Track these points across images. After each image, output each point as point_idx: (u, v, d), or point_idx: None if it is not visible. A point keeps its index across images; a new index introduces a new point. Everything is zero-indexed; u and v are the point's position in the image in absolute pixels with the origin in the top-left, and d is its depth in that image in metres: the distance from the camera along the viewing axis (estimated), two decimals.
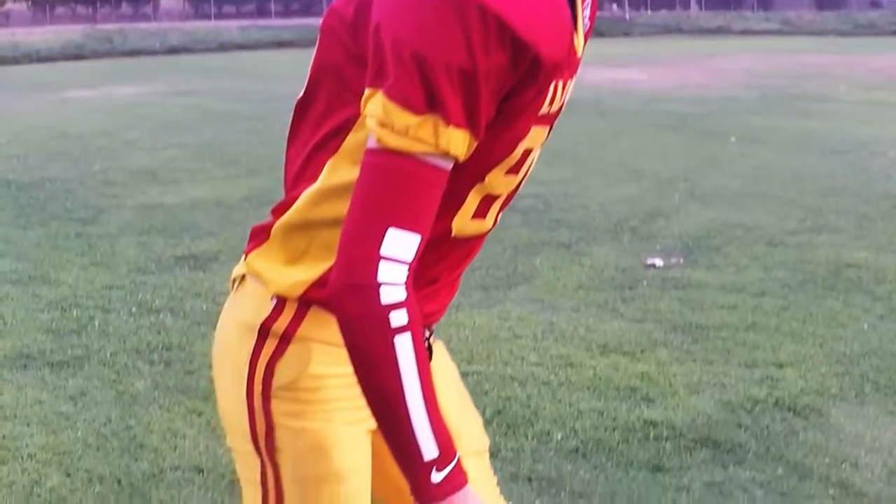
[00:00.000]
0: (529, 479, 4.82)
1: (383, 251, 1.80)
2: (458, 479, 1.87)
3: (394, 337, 1.80)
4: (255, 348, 2.14)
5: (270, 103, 19.72)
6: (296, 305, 2.12)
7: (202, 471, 4.74)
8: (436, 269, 2.15)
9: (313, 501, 2.17)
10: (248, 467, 2.23)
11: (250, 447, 2.19)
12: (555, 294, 7.80)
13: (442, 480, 1.85)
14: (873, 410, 5.97)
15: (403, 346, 1.80)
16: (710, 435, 5.46)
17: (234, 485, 4.65)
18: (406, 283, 1.82)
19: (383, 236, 1.81)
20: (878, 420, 5.86)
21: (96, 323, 6.71)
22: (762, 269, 8.63)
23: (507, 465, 4.88)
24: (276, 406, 2.13)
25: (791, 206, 10.90)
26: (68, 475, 4.64)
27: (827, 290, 8.13)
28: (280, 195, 2.16)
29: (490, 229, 2.18)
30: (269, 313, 2.14)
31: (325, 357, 2.12)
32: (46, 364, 5.99)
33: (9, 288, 7.43)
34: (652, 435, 5.43)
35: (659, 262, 8.73)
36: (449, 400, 2.25)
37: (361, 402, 1.90)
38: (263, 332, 2.14)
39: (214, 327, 6.27)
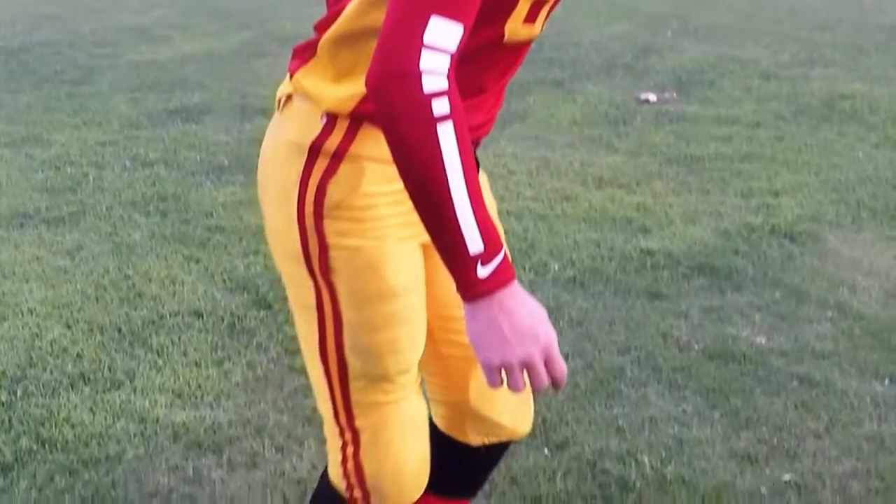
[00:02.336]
0: None
1: (426, 39, 1.74)
2: (505, 275, 1.83)
3: (437, 125, 1.75)
4: (305, 168, 2.11)
5: None
6: (347, 122, 2.09)
7: (201, 315, 4.76)
8: (484, 78, 2.14)
9: (371, 320, 2.17)
10: (301, 292, 2.22)
11: (303, 270, 2.17)
12: (549, 131, 7.78)
13: (488, 276, 1.81)
14: (869, 236, 5.98)
15: (446, 135, 1.75)
16: (707, 262, 5.47)
17: (233, 327, 4.69)
18: (448, 74, 1.76)
19: (426, 24, 1.75)
20: (874, 245, 5.88)
21: (91, 179, 6.68)
22: (756, 102, 8.60)
23: None
24: (329, 225, 2.11)
25: (785, 40, 10.82)
26: (69, 327, 4.66)
27: (821, 120, 8.11)
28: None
29: (537, 35, 2.15)
30: (319, 132, 2.10)
31: (377, 175, 2.09)
32: (43, 221, 5.97)
33: (2, 151, 7.39)
34: (649, 263, 5.44)
35: (652, 97, 8.69)
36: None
37: (413, 217, 1.87)
38: (314, 150, 2.11)
39: (209, 177, 6.27)
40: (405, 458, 2.31)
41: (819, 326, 4.87)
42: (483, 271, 1.81)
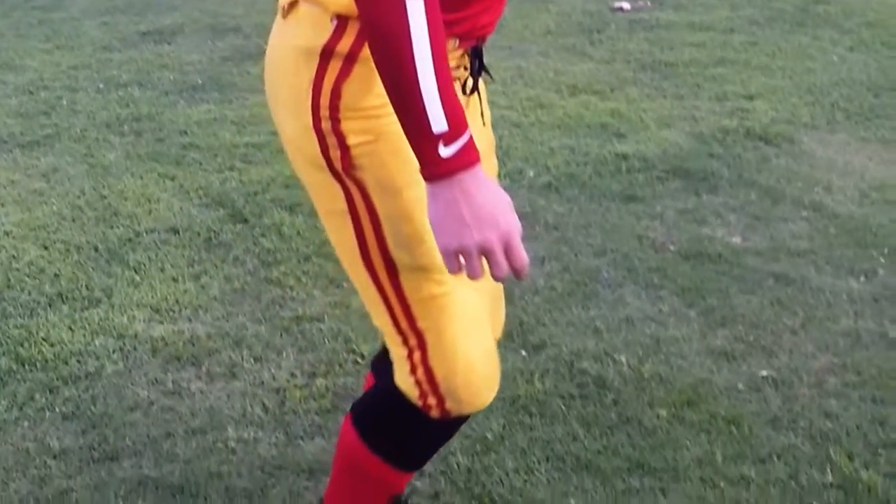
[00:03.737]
0: None
1: None
2: (467, 157, 1.82)
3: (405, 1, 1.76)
4: (317, 72, 2.07)
5: None
6: (358, 24, 2.04)
7: (178, 231, 4.76)
8: None
9: (407, 207, 2.12)
10: (329, 198, 2.18)
11: (327, 175, 2.14)
12: (523, 41, 7.75)
13: (451, 156, 1.81)
14: (844, 137, 5.99)
15: (415, 11, 1.76)
16: (682, 165, 5.48)
17: (209, 241, 4.69)
18: None
19: None
20: (849, 146, 5.89)
21: (64, 102, 6.65)
22: (730, 8, 8.57)
23: None
24: (347, 126, 2.07)
25: None
26: (45, 248, 4.65)
27: (795, 25, 8.10)
28: None
29: None
30: (330, 35, 2.06)
31: None
32: (17, 146, 5.94)
33: None
34: (624, 168, 5.44)
35: (626, 5, 8.65)
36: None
37: None
38: (326, 54, 2.07)
39: (182, 97, 6.24)
40: (474, 355, 2.27)
41: (794, 225, 4.88)
42: (445, 151, 1.81)
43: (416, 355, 2.25)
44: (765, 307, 4.19)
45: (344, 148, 2.08)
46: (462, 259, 1.87)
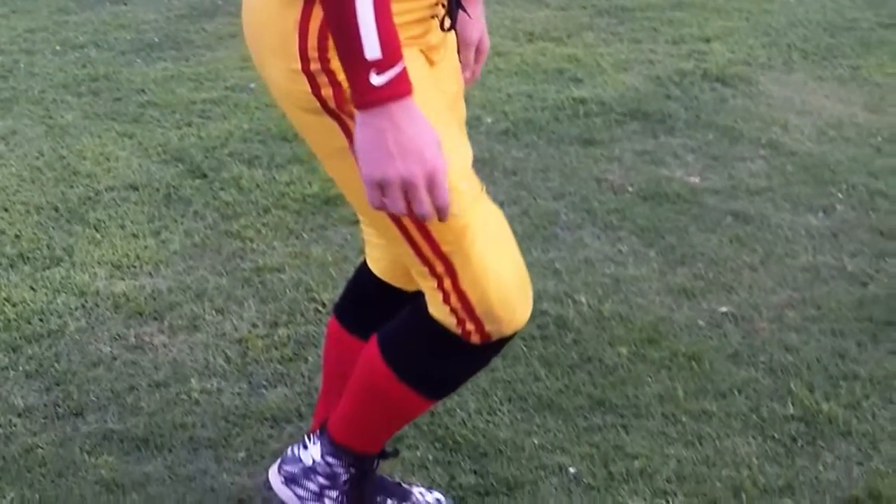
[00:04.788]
0: None
1: None
2: (400, 88, 1.82)
3: None
4: (303, 14, 2.04)
5: None
6: None
7: (137, 188, 4.75)
8: None
9: None
10: (328, 138, 2.15)
11: (324, 116, 2.11)
12: None
13: (382, 85, 1.81)
14: (801, 77, 6.03)
15: None
16: (639, 108, 5.50)
17: (169, 197, 4.69)
18: None
19: None
20: (806, 85, 5.92)
21: (21, 65, 6.60)
22: None
23: None
24: (336, 63, 2.02)
25: None
26: (5, 210, 4.63)
27: None
28: None
29: None
30: None
31: None
32: None
33: None
34: (582, 112, 5.46)
35: None
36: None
37: (411, 31, 1.95)
38: None
39: (139, 56, 6.20)
40: (504, 270, 2.25)
41: (752, 164, 4.91)
42: (377, 79, 1.81)
43: (447, 282, 2.22)
44: (724, 245, 4.22)
45: (336, 85, 2.06)
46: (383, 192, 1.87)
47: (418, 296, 2.48)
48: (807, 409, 3.26)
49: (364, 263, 2.65)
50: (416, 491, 2.82)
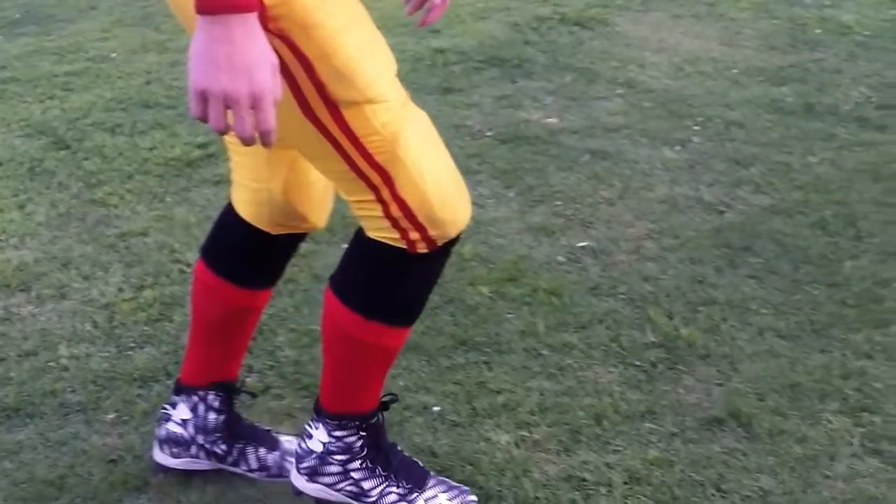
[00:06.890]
0: None
1: None
2: (243, 3, 1.77)
3: None
4: None
5: None
6: None
7: (1, 163, 4.74)
8: None
9: (331, 41, 2.06)
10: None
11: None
12: None
13: None
14: (658, 16, 6.13)
15: None
16: (497, 55, 5.56)
17: (33, 170, 4.70)
18: None
19: None
20: (662, 24, 6.02)
21: None
22: None
23: None
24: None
25: None
26: None
27: None
28: None
29: None
30: None
31: None
32: None
33: None
34: (441, 61, 5.52)
35: None
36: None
37: None
38: None
39: (1, 33, 6.13)
40: (439, 172, 2.25)
41: (610, 103, 5.00)
42: None
43: (385, 192, 2.22)
44: (582, 182, 4.30)
45: (259, 6, 1.93)
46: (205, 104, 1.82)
47: (280, 238, 2.52)
48: (666, 336, 3.34)
49: (229, 206, 2.66)
50: (284, 439, 2.87)
